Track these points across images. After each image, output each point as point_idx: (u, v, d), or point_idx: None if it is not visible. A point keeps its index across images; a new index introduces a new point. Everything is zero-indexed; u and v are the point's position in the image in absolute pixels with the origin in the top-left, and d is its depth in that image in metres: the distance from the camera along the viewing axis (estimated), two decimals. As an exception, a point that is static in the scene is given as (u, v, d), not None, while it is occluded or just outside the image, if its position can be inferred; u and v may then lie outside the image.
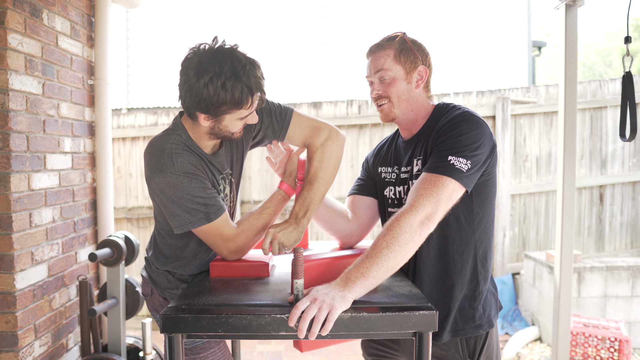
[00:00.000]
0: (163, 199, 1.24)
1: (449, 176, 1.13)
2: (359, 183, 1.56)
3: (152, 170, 1.23)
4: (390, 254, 1.06)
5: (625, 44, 1.80)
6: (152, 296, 1.47)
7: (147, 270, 1.48)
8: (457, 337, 1.28)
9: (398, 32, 1.35)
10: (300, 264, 1.00)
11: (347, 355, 3.18)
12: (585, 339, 2.90)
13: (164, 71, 6.06)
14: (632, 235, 4.20)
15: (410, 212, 1.10)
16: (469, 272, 1.28)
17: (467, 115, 1.22)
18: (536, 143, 4.10)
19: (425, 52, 1.35)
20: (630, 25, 2.63)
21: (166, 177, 1.21)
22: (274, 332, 0.98)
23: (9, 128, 1.94)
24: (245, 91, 1.16)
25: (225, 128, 1.25)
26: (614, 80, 4.09)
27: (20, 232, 2.01)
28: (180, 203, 1.22)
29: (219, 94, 1.14)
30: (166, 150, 1.23)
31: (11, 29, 1.93)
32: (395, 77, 1.31)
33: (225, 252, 1.31)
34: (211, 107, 1.17)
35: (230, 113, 1.20)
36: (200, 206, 1.24)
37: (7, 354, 1.98)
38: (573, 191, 2.43)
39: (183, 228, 1.25)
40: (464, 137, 1.17)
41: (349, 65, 6.30)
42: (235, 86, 1.14)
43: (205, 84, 1.13)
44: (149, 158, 1.25)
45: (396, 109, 1.34)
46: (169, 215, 1.26)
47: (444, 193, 1.12)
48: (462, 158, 1.14)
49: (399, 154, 1.43)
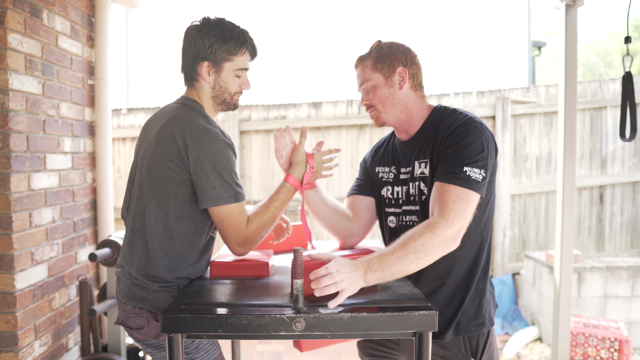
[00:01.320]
0: (208, 167, 1.23)
1: (473, 189, 1.17)
2: (358, 183, 1.56)
3: (201, 137, 1.23)
4: (415, 260, 1.10)
5: (625, 44, 1.80)
6: (149, 326, 1.29)
7: (138, 295, 1.29)
8: (461, 335, 1.29)
9: (375, 41, 1.40)
10: (300, 264, 1.00)
11: (347, 355, 3.18)
12: (585, 339, 2.90)
13: (164, 71, 6.07)
14: (632, 235, 4.20)
15: (446, 225, 1.13)
16: (475, 271, 1.30)
17: (473, 122, 1.24)
18: (536, 143, 4.10)
19: (404, 51, 1.36)
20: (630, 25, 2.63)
21: (217, 145, 1.24)
22: (274, 332, 0.98)
23: (9, 128, 1.94)
24: (240, 38, 1.34)
25: (224, 84, 1.36)
26: (614, 80, 4.09)
27: (20, 232, 2.01)
28: (222, 174, 1.24)
29: (217, 39, 1.32)
30: (210, 120, 1.31)
31: (11, 29, 1.93)
32: (376, 85, 1.35)
33: (234, 243, 1.28)
34: (211, 53, 1.32)
35: (228, 60, 1.34)
36: (233, 183, 1.27)
37: (7, 354, 1.98)
38: (573, 191, 2.43)
39: (212, 203, 1.25)
40: (474, 146, 1.20)
41: (349, 65, 6.28)
42: (232, 34, 1.34)
43: (205, 35, 1.32)
44: (193, 127, 1.25)
45: (384, 114, 1.37)
46: (203, 187, 1.24)
47: (470, 207, 1.17)
48: (476, 168, 1.18)
49: (396, 155, 1.44)
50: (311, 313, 0.98)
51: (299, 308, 0.99)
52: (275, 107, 4.12)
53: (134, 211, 1.32)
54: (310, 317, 0.98)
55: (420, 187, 1.30)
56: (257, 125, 4.05)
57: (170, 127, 1.26)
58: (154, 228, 1.27)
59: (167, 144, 1.25)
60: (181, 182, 1.26)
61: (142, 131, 1.40)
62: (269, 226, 1.33)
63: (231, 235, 1.28)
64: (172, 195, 1.27)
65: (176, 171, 1.25)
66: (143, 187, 1.30)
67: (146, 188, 1.28)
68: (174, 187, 1.26)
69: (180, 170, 1.25)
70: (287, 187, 1.38)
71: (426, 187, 1.29)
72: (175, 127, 1.25)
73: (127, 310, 1.31)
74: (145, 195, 1.28)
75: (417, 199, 1.31)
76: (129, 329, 1.31)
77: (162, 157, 1.26)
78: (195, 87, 1.37)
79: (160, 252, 1.27)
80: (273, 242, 1.56)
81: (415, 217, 1.32)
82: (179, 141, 1.24)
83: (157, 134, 1.28)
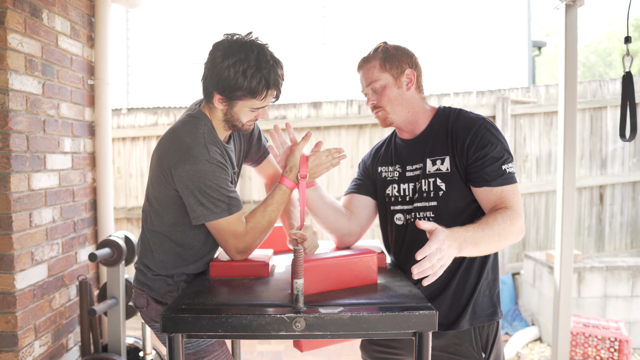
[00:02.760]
0: (191, 187, 1.23)
1: (515, 182, 1.29)
2: (357, 183, 1.57)
3: (183, 157, 1.23)
4: (497, 242, 1.18)
5: (625, 44, 1.80)
6: (149, 307, 1.41)
7: (140, 279, 1.41)
8: (475, 325, 1.33)
9: (380, 43, 1.41)
10: (300, 264, 1.00)
11: (347, 355, 3.18)
12: (585, 339, 2.90)
13: (164, 71, 6.07)
14: (632, 235, 4.20)
15: (518, 217, 1.23)
16: (487, 260, 1.35)
17: (488, 122, 1.32)
18: (536, 143, 4.10)
19: (409, 54, 1.41)
20: (630, 25, 2.63)
21: (199, 165, 1.23)
22: (274, 332, 0.98)
23: (9, 128, 1.94)
24: (262, 83, 1.23)
25: (236, 115, 1.31)
26: (614, 80, 4.09)
27: (20, 232, 2.01)
28: (207, 193, 1.24)
29: (238, 78, 1.21)
30: (199, 138, 1.27)
31: (11, 29, 1.93)
32: (385, 85, 1.37)
33: (234, 250, 1.31)
34: (227, 89, 1.24)
35: (243, 100, 1.26)
36: (225, 197, 1.26)
37: (7, 354, 1.98)
38: (573, 191, 2.43)
39: (204, 219, 1.26)
40: (500, 145, 1.29)
41: (349, 65, 6.30)
42: (254, 76, 1.22)
43: (228, 66, 1.21)
44: (178, 145, 1.25)
45: (392, 115, 1.39)
46: (191, 205, 1.25)
47: (520, 197, 1.31)
48: (509, 163, 1.29)
49: (401, 154, 1.46)
50: (311, 313, 0.98)
51: (299, 308, 0.99)
52: (275, 107, 4.12)
53: (143, 211, 1.42)
54: (310, 317, 0.98)
55: (437, 183, 1.33)
56: (257, 125, 4.05)
57: (161, 143, 1.30)
58: (153, 229, 1.37)
59: (157, 161, 1.30)
60: (172, 196, 1.31)
61: None
62: (267, 230, 1.35)
63: (230, 244, 1.30)
64: (165, 205, 1.33)
65: (166, 185, 1.29)
66: (148, 191, 1.39)
67: (149, 195, 1.38)
68: (167, 199, 1.32)
69: (169, 185, 1.29)
70: (282, 189, 1.39)
71: (443, 182, 1.32)
72: (163, 145, 1.29)
73: (136, 291, 1.44)
74: (148, 201, 1.38)
75: (434, 195, 1.34)
76: (138, 309, 1.44)
77: (155, 172, 1.31)
78: (209, 105, 1.35)
79: (158, 248, 1.37)
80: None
81: (431, 212, 1.34)
82: (164, 160, 1.27)
83: (156, 147, 1.34)
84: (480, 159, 1.28)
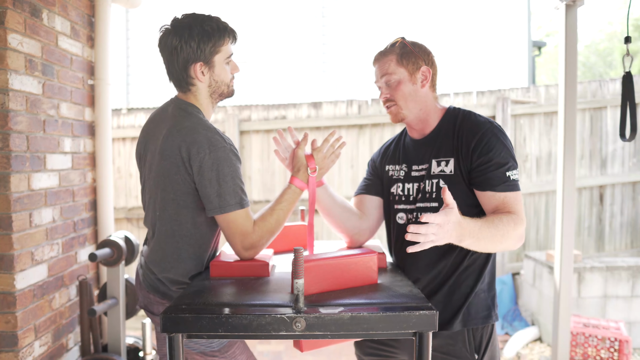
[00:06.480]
0: (212, 175, 1.24)
1: (519, 189, 1.30)
2: (366, 183, 1.56)
3: (203, 147, 1.23)
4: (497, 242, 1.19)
5: (625, 44, 1.80)
6: None
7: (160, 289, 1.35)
8: (468, 327, 1.32)
9: (398, 38, 1.41)
10: (301, 264, 1.00)
11: (347, 355, 3.18)
12: (585, 339, 2.90)
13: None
14: (632, 235, 4.20)
15: (521, 223, 1.24)
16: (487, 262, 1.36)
17: (496, 127, 1.32)
18: (536, 143, 4.10)
19: (426, 51, 1.40)
20: (630, 25, 2.63)
21: (220, 152, 1.24)
22: (274, 332, 0.98)
23: (9, 128, 1.94)
24: (221, 28, 1.33)
25: (219, 77, 1.35)
26: (614, 80, 4.08)
27: (20, 232, 2.01)
28: (226, 181, 1.24)
29: (201, 36, 1.29)
30: (211, 128, 1.29)
31: (11, 29, 1.93)
32: (400, 80, 1.37)
33: (240, 247, 1.30)
34: (199, 51, 1.30)
35: (218, 52, 1.33)
36: (238, 189, 1.27)
37: (7, 354, 1.98)
38: (573, 191, 2.43)
39: (219, 210, 1.25)
40: (506, 151, 1.29)
41: (349, 65, 6.30)
42: (210, 26, 1.31)
43: (189, 35, 1.29)
44: (194, 137, 1.25)
45: (404, 110, 1.39)
46: (209, 195, 1.25)
47: (522, 204, 1.31)
48: (514, 169, 1.29)
49: (408, 153, 1.46)
50: (311, 313, 0.98)
51: (299, 308, 0.99)
52: (275, 107, 4.12)
53: (151, 218, 1.37)
54: (310, 317, 0.98)
55: (440, 184, 1.33)
56: (257, 125, 4.05)
57: (172, 139, 1.28)
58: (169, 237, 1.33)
59: (171, 157, 1.27)
60: (189, 192, 1.29)
61: (143, 134, 1.42)
62: (275, 230, 1.34)
63: (237, 240, 1.29)
64: (182, 207, 1.30)
65: (182, 183, 1.28)
66: (154, 199, 1.34)
67: (158, 201, 1.33)
68: (183, 198, 1.30)
69: (186, 182, 1.28)
70: (292, 189, 1.39)
71: (446, 184, 1.32)
72: (177, 139, 1.27)
73: (150, 297, 1.38)
74: (158, 208, 1.33)
75: (436, 196, 1.34)
76: (151, 314, 1.39)
77: (168, 171, 1.28)
78: (192, 90, 1.37)
79: (178, 257, 1.33)
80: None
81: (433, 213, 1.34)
82: (182, 153, 1.26)
83: (161, 146, 1.30)
84: (484, 164, 1.28)
